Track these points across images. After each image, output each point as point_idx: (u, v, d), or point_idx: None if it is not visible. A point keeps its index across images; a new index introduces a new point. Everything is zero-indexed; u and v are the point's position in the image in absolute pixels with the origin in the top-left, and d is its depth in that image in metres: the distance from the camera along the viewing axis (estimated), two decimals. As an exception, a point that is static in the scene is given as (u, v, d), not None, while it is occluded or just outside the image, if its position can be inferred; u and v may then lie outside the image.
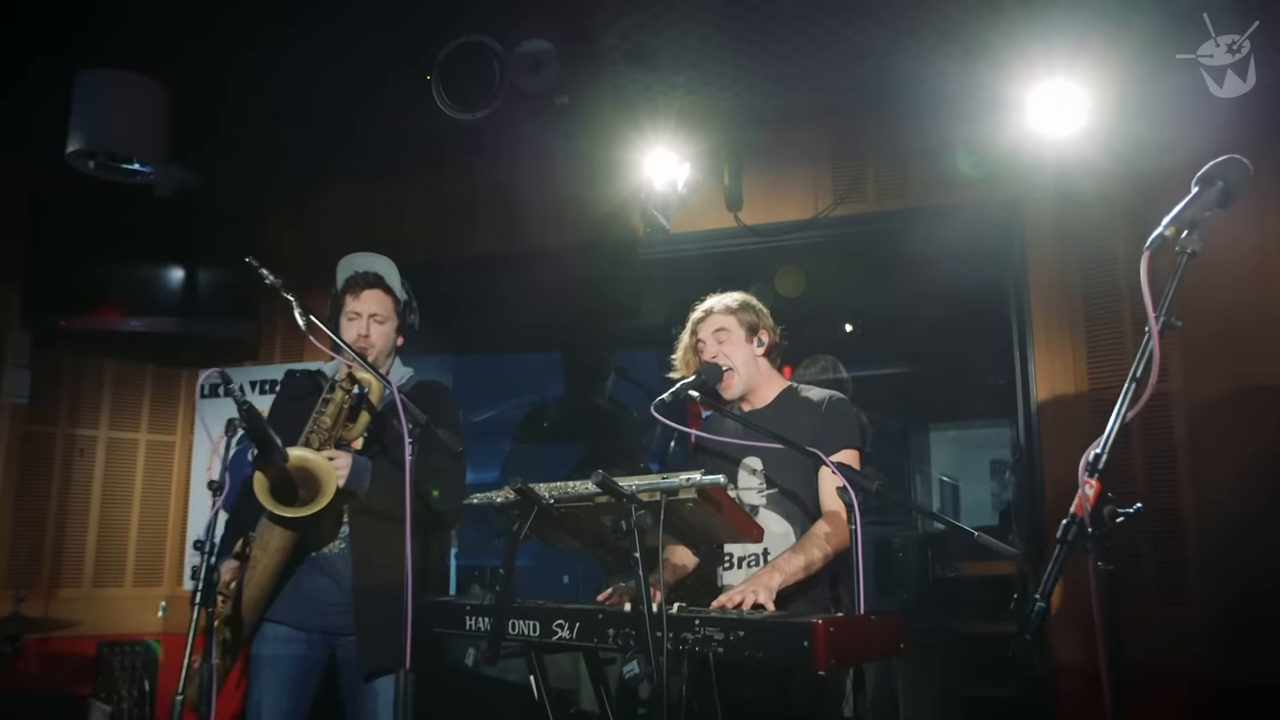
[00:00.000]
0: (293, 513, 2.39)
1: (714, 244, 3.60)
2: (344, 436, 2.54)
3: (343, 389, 2.51)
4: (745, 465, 2.44)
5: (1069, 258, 3.15)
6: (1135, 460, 2.91)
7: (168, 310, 3.94)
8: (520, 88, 2.48)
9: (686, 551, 2.53)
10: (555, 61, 2.48)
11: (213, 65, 3.26)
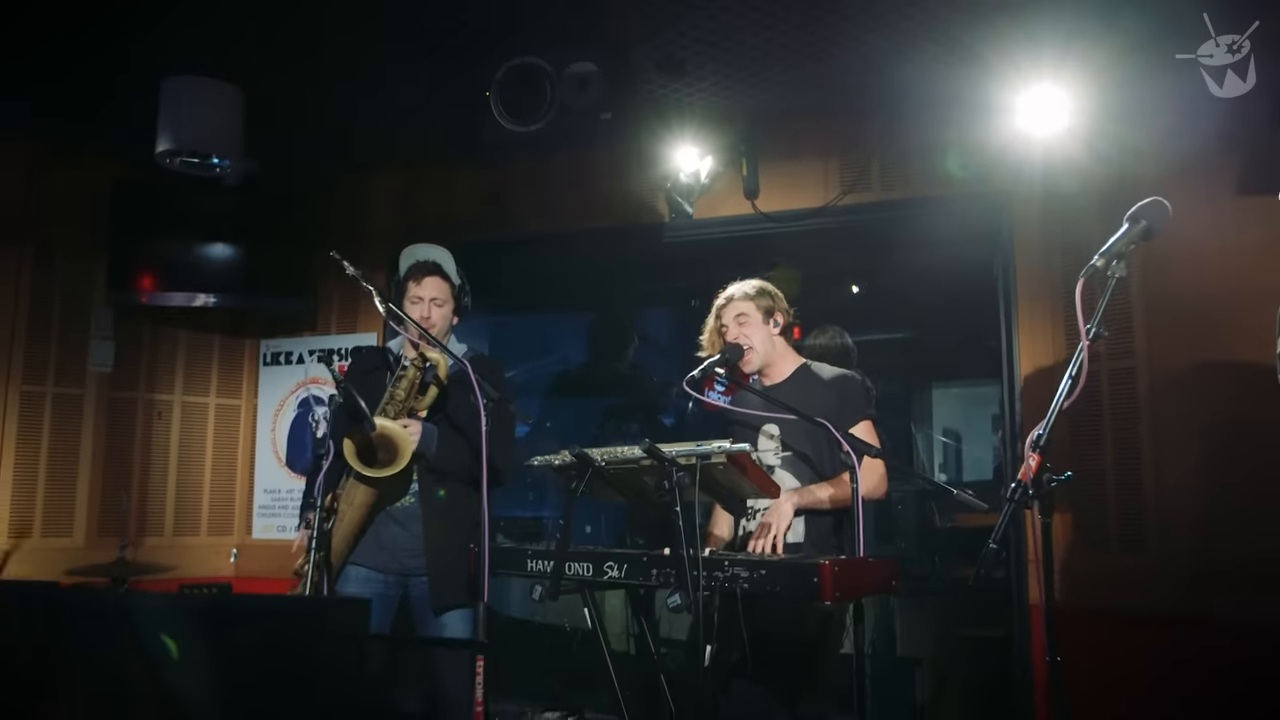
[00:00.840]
0: (375, 473, 2.80)
1: (733, 228, 3.97)
2: (414, 407, 2.95)
3: (415, 367, 2.91)
4: (764, 431, 2.85)
5: (1051, 244, 3.52)
6: (1104, 426, 3.31)
7: (234, 287, 4.33)
8: (569, 104, 2.84)
9: (726, 526, 2.96)
10: (600, 81, 2.85)
11: (281, 68, 3.61)
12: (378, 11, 3.03)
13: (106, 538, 4.21)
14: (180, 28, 3.29)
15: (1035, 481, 1.67)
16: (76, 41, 3.35)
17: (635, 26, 3.06)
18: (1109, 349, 3.29)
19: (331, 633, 1.07)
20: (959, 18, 3.15)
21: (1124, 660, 3.07)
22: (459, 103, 3.53)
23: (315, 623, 1.12)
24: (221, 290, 4.34)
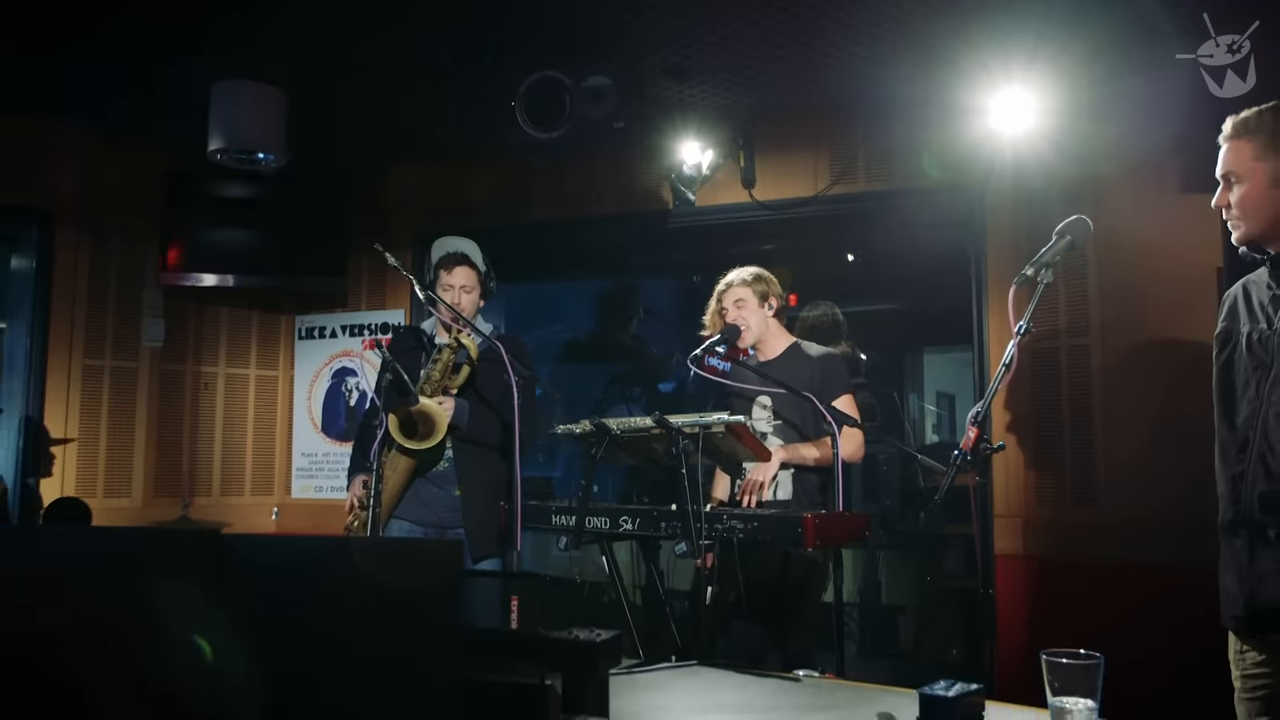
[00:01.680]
0: (416, 445, 3.21)
1: (731, 215, 4.35)
2: (448, 385, 3.35)
3: (450, 349, 3.31)
4: (758, 402, 3.26)
5: (1020, 232, 3.89)
6: (1062, 395, 3.71)
7: (273, 268, 4.71)
8: (586, 114, 3.21)
9: (723, 487, 3.37)
10: (614, 94, 3.21)
11: (317, 70, 3.94)
12: (407, 19, 3.37)
13: (161, 498, 4.64)
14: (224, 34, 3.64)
15: (974, 450, 2.06)
16: (129, 47, 3.68)
17: (645, 38, 3.42)
18: (1067, 328, 3.68)
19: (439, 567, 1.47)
20: (934, 26, 3.49)
21: (1074, 595, 3.51)
22: (478, 103, 3.90)
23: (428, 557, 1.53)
24: (261, 271, 4.72)
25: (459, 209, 4.80)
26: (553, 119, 3.23)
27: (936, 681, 1.68)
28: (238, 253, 4.68)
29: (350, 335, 4.96)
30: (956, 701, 1.62)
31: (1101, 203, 3.64)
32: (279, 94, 3.99)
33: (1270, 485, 1.92)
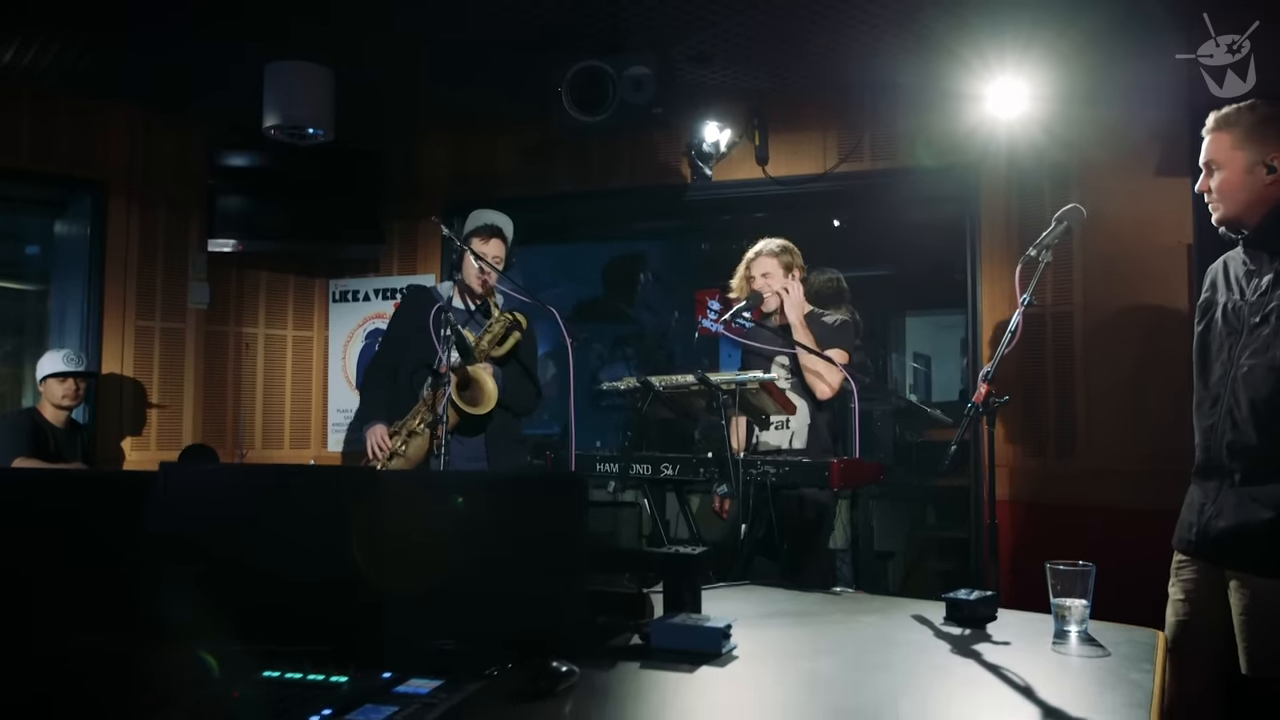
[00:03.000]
0: (466, 408, 3.53)
1: (746, 189, 4.70)
2: (493, 355, 3.67)
3: (501, 324, 3.63)
4: (777, 361, 3.64)
5: (1012, 208, 4.27)
6: (1047, 359, 4.12)
7: (315, 235, 5.01)
8: (628, 101, 3.53)
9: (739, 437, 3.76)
10: (653, 82, 3.53)
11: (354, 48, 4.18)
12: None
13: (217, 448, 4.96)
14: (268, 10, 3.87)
15: (985, 403, 2.45)
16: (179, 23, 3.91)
17: (674, 27, 3.74)
18: (1052, 297, 4.08)
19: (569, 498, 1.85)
20: (935, 19, 3.79)
21: (1053, 534, 3.95)
22: (509, 82, 4.19)
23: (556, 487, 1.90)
24: (302, 238, 5.01)
25: (484, 179, 5.11)
26: (596, 104, 3.55)
27: (958, 590, 2.09)
28: (278, 220, 4.96)
29: (383, 298, 5.27)
30: (976, 603, 2.02)
31: (1086, 184, 4.03)
32: (327, 73, 4.27)
33: (1236, 435, 2.30)
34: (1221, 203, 2.37)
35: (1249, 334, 2.30)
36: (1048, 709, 1.42)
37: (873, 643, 1.91)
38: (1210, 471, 2.39)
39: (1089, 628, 1.89)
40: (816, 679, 1.64)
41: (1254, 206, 2.32)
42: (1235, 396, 2.31)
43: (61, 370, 4.25)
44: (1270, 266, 2.30)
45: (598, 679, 1.61)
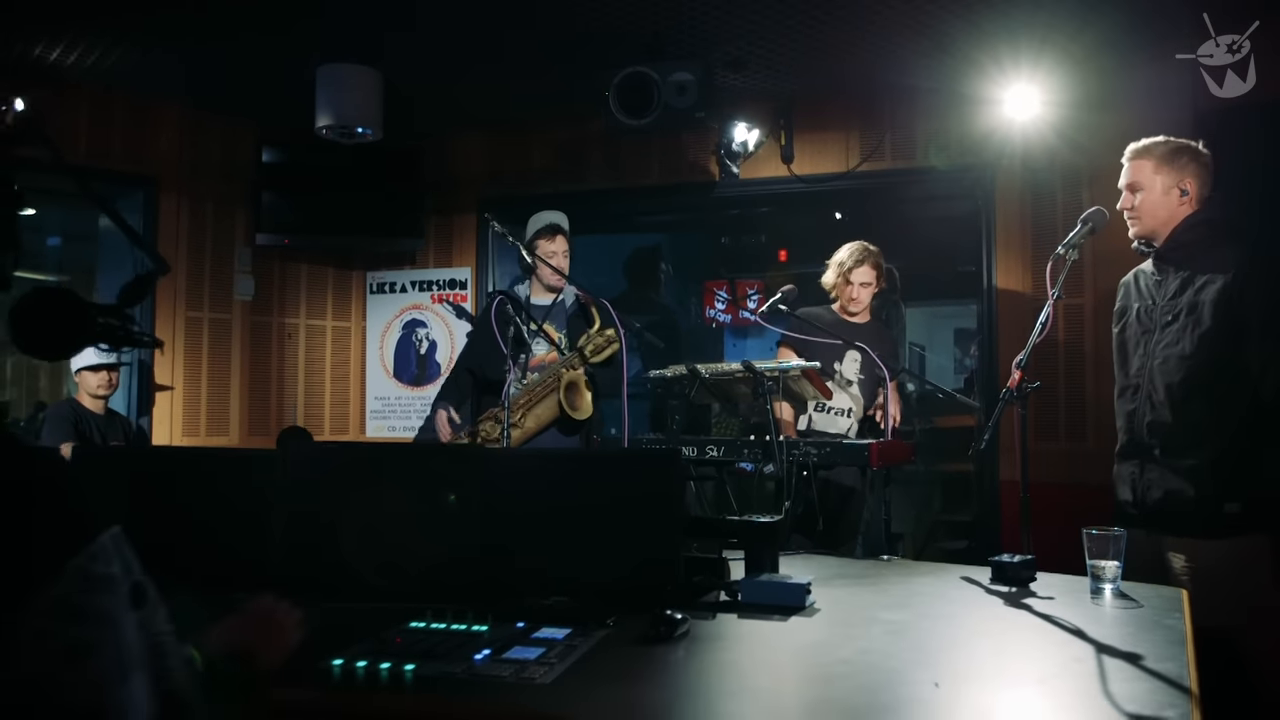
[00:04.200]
0: (572, 414, 3.77)
1: (772, 187, 4.93)
2: (592, 361, 3.89)
3: (605, 339, 3.84)
4: (850, 356, 3.90)
5: (1025, 205, 4.52)
6: (1059, 348, 4.38)
7: (358, 230, 5.22)
8: (672, 105, 3.75)
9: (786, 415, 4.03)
10: (695, 88, 3.76)
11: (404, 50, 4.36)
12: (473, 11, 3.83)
13: (255, 436, 5.18)
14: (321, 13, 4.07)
15: (1018, 388, 2.69)
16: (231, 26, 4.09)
17: (713, 36, 3.97)
18: (1065, 291, 4.32)
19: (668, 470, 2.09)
20: (952, 26, 4.01)
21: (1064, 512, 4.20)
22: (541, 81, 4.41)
23: (656, 461, 2.14)
24: (345, 232, 5.22)
25: (518, 176, 5.33)
26: (642, 108, 3.77)
27: (1002, 554, 2.34)
28: (322, 216, 5.16)
29: (419, 290, 5.49)
30: (1019, 565, 2.28)
31: (1096, 183, 4.28)
32: (377, 75, 4.47)
33: (1155, 416, 2.75)
34: (1141, 219, 2.86)
35: (1161, 331, 2.77)
36: (1100, 645, 1.67)
37: (933, 599, 2.16)
38: (1133, 450, 2.85)
39: (1120, 586, 2.14)
40: (894, 626, 1.88)
41: (1167, 224, 2.80)
42: (1153, 383, 2.76)
43: (93, 363, 4.43)
44: (1176, 276, 2.78)
45: (704, 628, 1.85)
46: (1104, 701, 1.36)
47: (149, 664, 0.95)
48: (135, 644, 0.93)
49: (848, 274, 4.02)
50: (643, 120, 3.79)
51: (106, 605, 0.90)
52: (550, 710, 1.39)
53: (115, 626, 0.91)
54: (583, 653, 1.64)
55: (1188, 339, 2.72)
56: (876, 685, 1.51)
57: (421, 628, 1.83)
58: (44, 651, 0.86)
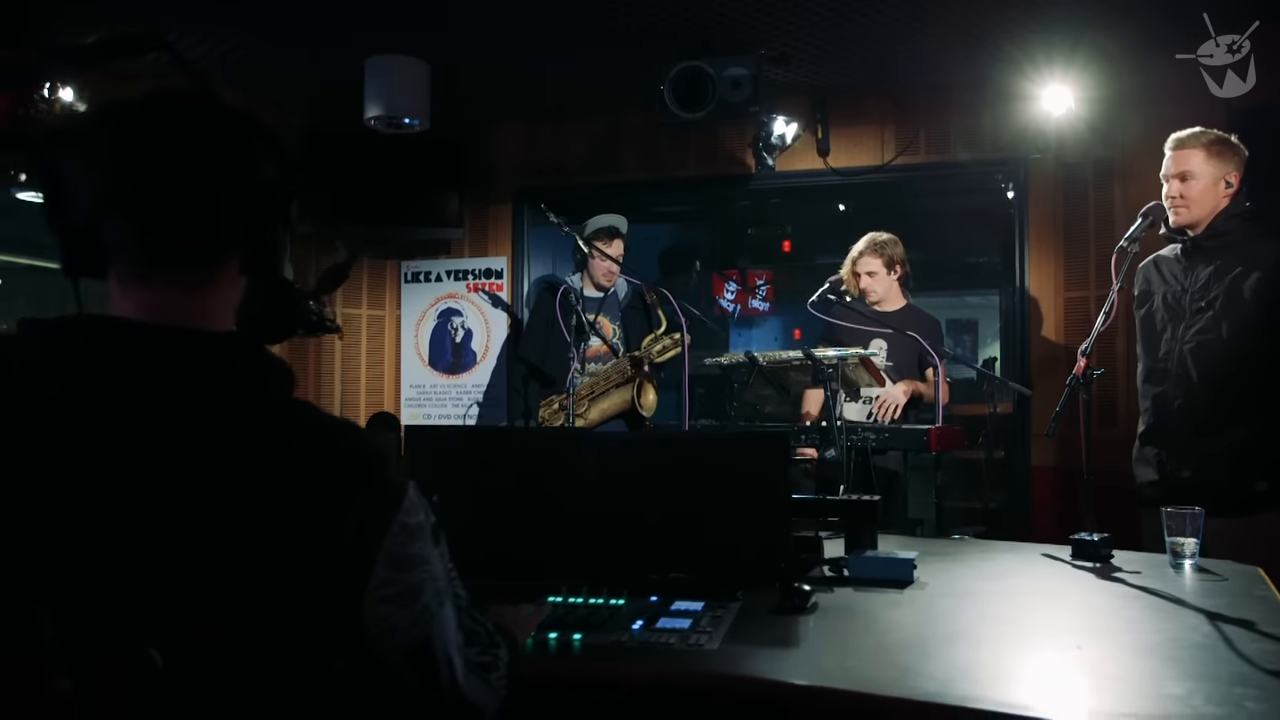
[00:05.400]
0: (642, 411, 3.91)
1: (808, 180, 5.03)
2: (656, 360, 4.09)
3: (672, 341, 4.00)
4: (875, 343, 4.01)
5: (1058, 198, 4.65)
6: (1091, 337, 4.51)
7: (395, 218, 5.28)
8: (726, 99, 3.85)
9: (815, 404, 4.14)
10: (749, 83, 3.85)
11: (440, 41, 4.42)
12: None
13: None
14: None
15: (1084, 375, 2.82)
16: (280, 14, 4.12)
17: (762, 32, 4.06)
18: (1096, 283, 4.48)
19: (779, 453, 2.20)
20: (988, 22, 4.10)
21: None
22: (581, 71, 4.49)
23: (765, 444, 2.25)
24: (382, 221, 5.28)
25: (556, 167, 5.41)
26: (697, 102, 3.87)
27: (1080, 533, 2.46)
28: (361, 204, 5.22)
29: (455, 280, 5.56)
30: (1099, 543, 2.40)
31: (1127, 176, 4.41)
32: (424, 66, 4.53)
33: (1186, 399, 2.90)
34: (1189, 208, 2.97)
35: (1191, 317, 2.90)
36: (1209, 614, 1.79)
37: (1025, 573, 2.28)
38: (1160, 433, 3.00)
39: (1199, 561, 2.27)
40: (1002, 597, 2.00)
41: (1210, 214, 2.90)
42: (1184, 367, 2.89)
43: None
44: (1208, 264, 2.90)
45: (827, 599, 1.96)
46: (1243, 664, 1.48)
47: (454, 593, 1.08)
48: (443, 576, 1.06)
49: (854, 265, 4.14)
50: (698, 114, 3.88)
51: (422, 550, 1.02)
52: (730, 670, 1.49)
53: (430, 565, 1.02)
54: (729, 623, 1.75)
55: (1224, 326, 2.85)
56: (1018, 647, 1.63)
57: (561, 602, 1.93)
58: (384, 597, 0.97)
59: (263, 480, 0.92)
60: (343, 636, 0.96)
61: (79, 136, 1.00)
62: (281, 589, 0.91)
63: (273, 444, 0.95)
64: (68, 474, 0.88)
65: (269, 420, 0.97)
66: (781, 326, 9.89)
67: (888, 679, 1.40)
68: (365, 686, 1.00)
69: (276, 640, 0.91)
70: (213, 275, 1.03)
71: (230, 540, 0.89)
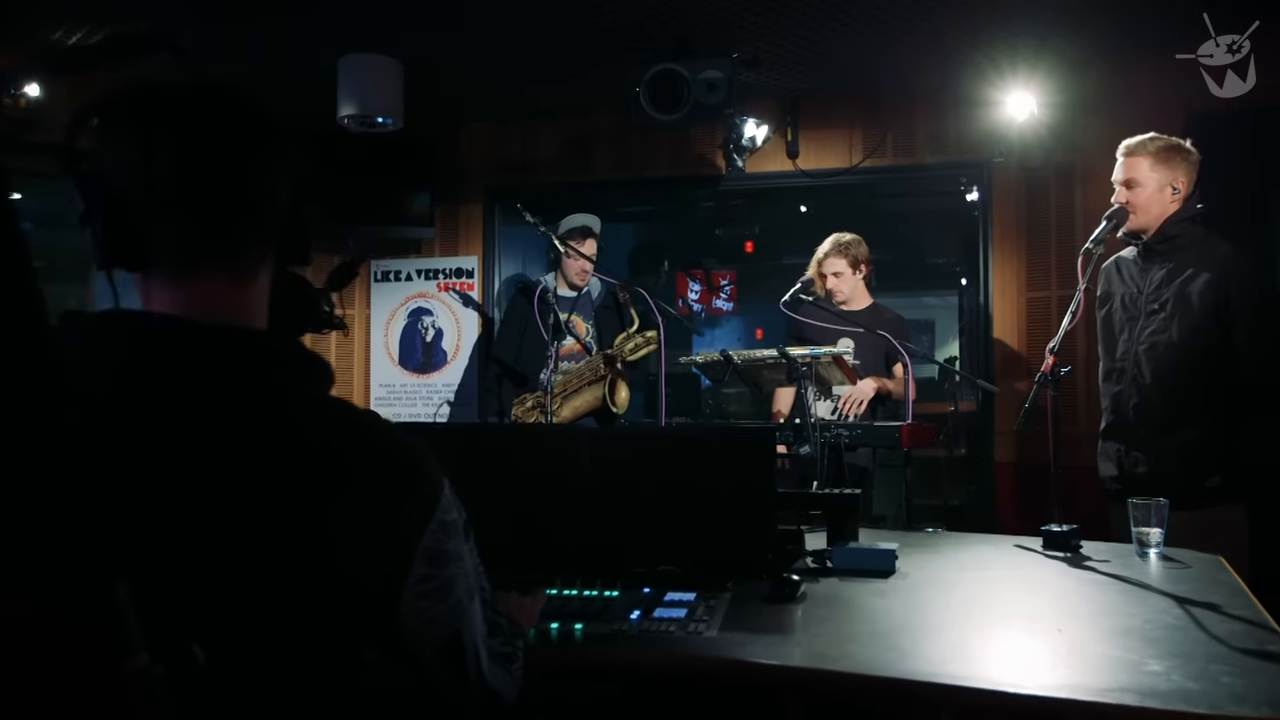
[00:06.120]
0: (614, 409, 3.96)
1: (777, 181, 5.11)
2: (628, 359, 4.14)
3: (644, 339, 4.04)
4: (842, 343, 4.09)
5: (1020, 201, 4.77)
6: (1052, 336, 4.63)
7: (366, 218, 5.26)
8: (701, 102, 3.90)
9: (785, 402, 4.22)
10: (725, 86, 3.91)
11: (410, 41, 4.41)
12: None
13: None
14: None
15: (1052, 373, 2.91)
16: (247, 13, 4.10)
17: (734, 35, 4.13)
18: (1058, 283, 4.61)
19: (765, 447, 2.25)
20: (954, 29, 4.21)
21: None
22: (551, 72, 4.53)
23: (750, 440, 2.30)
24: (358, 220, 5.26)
25: (526, 166, 5.43)
26: (672, 104, 3.92)
27: (1050, 524, 2.55)
28: (332, 203, 5.19)
29: (425, 279, 5.56)
30: (1069, 533, 2.49)
31: (1087, 180, 4.54)
32: (398, 65, 4.53)
33: (1141, 398, 3.03)
34: (1135, 215, 3.08)
35: (1146, 319, 3.02)
36: (1177, 599, 1.88)
37: (1000, 564, 2.37)
38: (1119, 430, 3.14)
39: (1164, 550, 2.37)
40: (981, 585, 2.08)
41: (1158, 219, 3.02)
42: (1139, 367, 3.00)
43: None
44: (1161, 267, 3.01)
45: (814, 589, 2.02)
46: (1215, 643, 1.56)
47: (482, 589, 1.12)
48: (473, 570, 1.10)
49: (820, 266, 4.23)
50: (673, 116, 3.93)
51: (456, 546, 1.05)
52: (732, 655, 1.54)
53: (462, 561, 1.05)
54: (724, 612, 1.80)
55: (1175, 327, 2.98)
56: (1003, 630, 1.70)
57: (556, 594, 1.97)
58: (421, 592, 1.00)
59: (315, 482, 0.94)
60: (380, 631, 0.98)
61: (118, 127, 0.99)
62: (328, 587, 0.93)
63: (324, 446, 0.97)
64: (122, 471, 0.88)
65: (319, 422, 0.99)
66: (743, 326, 10.01)
67: (886, 661, 1.46)
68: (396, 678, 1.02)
69: (317, 636, 0.93)
70: (256, 268, 1.05)
71: (280, 538, 0.91)
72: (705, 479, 2.23)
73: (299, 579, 0.91)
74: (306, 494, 0.93)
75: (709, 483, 2.22)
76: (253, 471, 0.92)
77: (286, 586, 0.91)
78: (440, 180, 5.42)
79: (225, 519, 0.90)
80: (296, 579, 0.91)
